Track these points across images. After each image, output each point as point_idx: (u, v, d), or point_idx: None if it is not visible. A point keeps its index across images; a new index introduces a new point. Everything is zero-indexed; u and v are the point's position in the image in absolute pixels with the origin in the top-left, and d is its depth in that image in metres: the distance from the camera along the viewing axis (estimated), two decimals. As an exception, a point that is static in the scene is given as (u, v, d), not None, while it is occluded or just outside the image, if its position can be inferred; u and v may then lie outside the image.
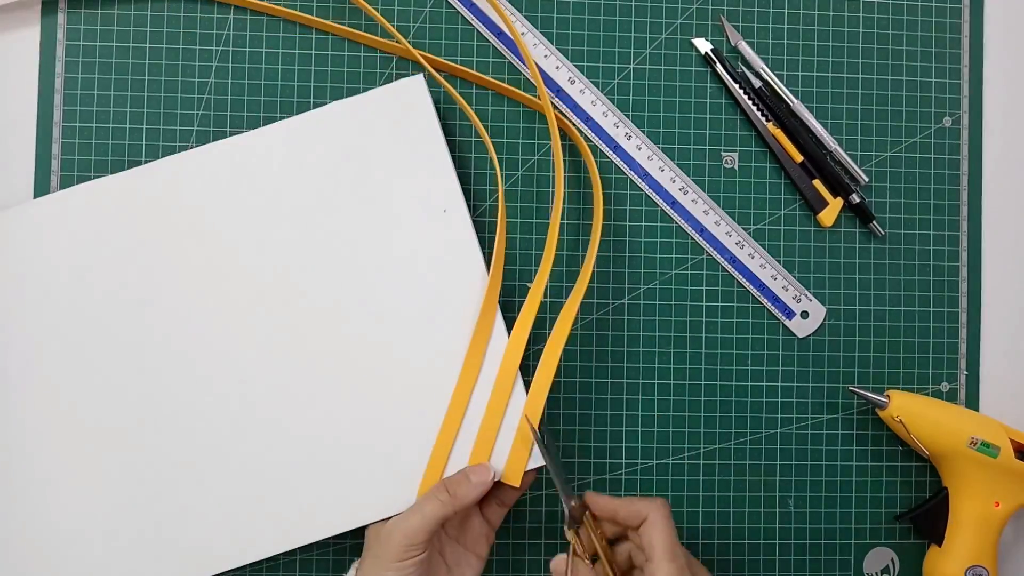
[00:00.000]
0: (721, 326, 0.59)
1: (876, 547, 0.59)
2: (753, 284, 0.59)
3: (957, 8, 0.61)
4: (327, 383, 0.52)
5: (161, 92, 0.56)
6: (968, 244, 0.60)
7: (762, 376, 0.59)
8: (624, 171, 0.58)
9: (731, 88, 0.59)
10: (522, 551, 0.57)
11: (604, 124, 0.58)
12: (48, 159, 0.56)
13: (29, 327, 0.52)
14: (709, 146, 0.59)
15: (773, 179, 0.60)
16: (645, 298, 0.58)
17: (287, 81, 0.57)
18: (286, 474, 0.52)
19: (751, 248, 0.59)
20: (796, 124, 0.59)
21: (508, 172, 0.58)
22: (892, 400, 0.56)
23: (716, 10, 0.59)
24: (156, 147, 0.56)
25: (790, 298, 0.59)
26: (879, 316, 0.60)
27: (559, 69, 0.58)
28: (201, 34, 0.57)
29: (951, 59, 0.61)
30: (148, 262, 0.52)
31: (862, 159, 0.60)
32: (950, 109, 0.61)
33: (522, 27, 0.58)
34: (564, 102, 0.58)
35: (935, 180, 0.61)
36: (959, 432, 0.55)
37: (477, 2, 0.57)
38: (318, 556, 0.56)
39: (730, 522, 0.58)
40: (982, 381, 0.60)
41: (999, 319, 0.61)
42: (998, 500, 0.56)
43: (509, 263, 0.57)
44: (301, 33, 0.57)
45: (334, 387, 0.52)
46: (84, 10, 0.56)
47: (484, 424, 0.52)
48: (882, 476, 0.59)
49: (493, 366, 0.52)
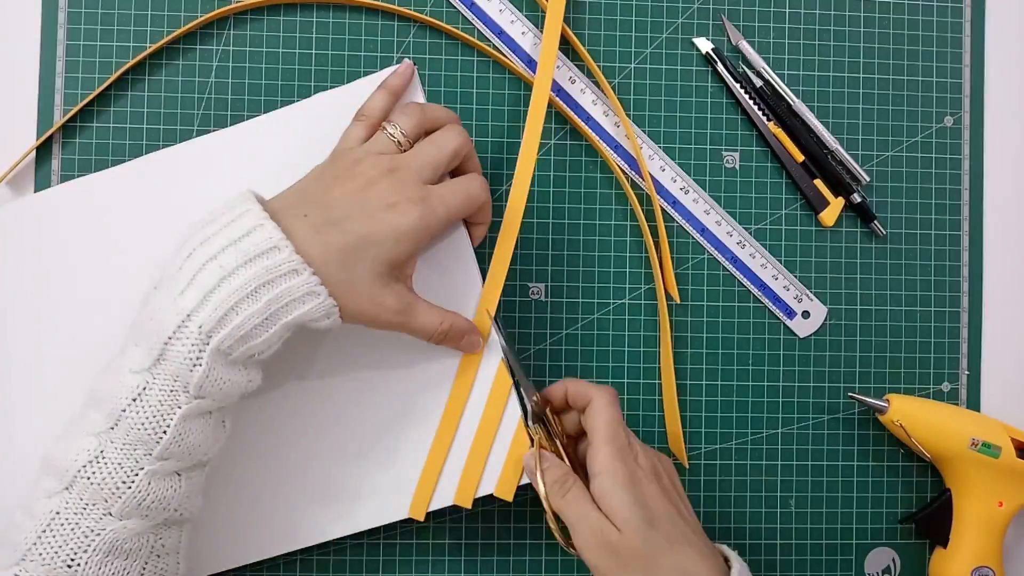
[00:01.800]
0: (722, 326, 0.59)
1: (877, 547, 0.59)
2: (754, 284, 0.59)
3: (958, 8, 0.61)
4: (327, 393, 0.52)
5: (162, 83, 0.56)
6: (969, 244, 0.60)
7: (763, 376, 0.59)
8: (625, 171, 0.58)
9: (732, 88, 0.59)
10: (522, 551, 0.57)
11: (604, 124, 0.58)
12: (49, 159, 0.56)
13: (32, 321, 0.52)
14: (710, 146, 0.59)
15: (774, 179, 0.59)
16: (646, 298, 0.58)
17: (287, 65, 0.57)
18: (285, 481, 0.52)
19: (752, 248, 0.59)
20: (797, 124, 0.59)
21: (492, 187, 0.58)
22: (892, 404, 0.56)
23: (717, 9, 0.59)
24: (156, 138, 0.56)
25: (791, 298, 0.59)
26: (880, 316, 0.60)
27: (560, 68, 0.58)
28: (201, 34, 0.57)
29: (952, 58, 0.61)
30: (147, 254, 0.51)
31: (863, 159, 0.60)
32: (951, 108, 0.61)
33: (523, 27, 0.58)
34: (564, 102, 0.58)
35: (936, 180, 0.60)
36: (960, 434, 0.55)
37: (478, 1, 0.57)
38: (319, 556, 0.56)
39: (731, 522, 0.58)
40: (983, 381, 0.60)
41: (1000, 318, 0.61)
42: (1001, 500, 0.56)
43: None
44: (303, 16, 0.57)
45: (333, 397, 0.52)
46: (84, 10, 0.56)
47: (478, 434, 0.51)
48: (883, 476, 0.59)
49: (487, 375, 0.52)
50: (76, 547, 0.39)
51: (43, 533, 0.39)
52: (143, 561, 0.41)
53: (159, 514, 0.41)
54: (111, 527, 0.40)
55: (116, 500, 0.40)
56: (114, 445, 0.40)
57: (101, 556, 0.40)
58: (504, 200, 0.54)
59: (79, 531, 0.40)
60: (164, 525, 0.42)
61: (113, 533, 0.40)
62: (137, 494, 0.40)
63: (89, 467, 0.40)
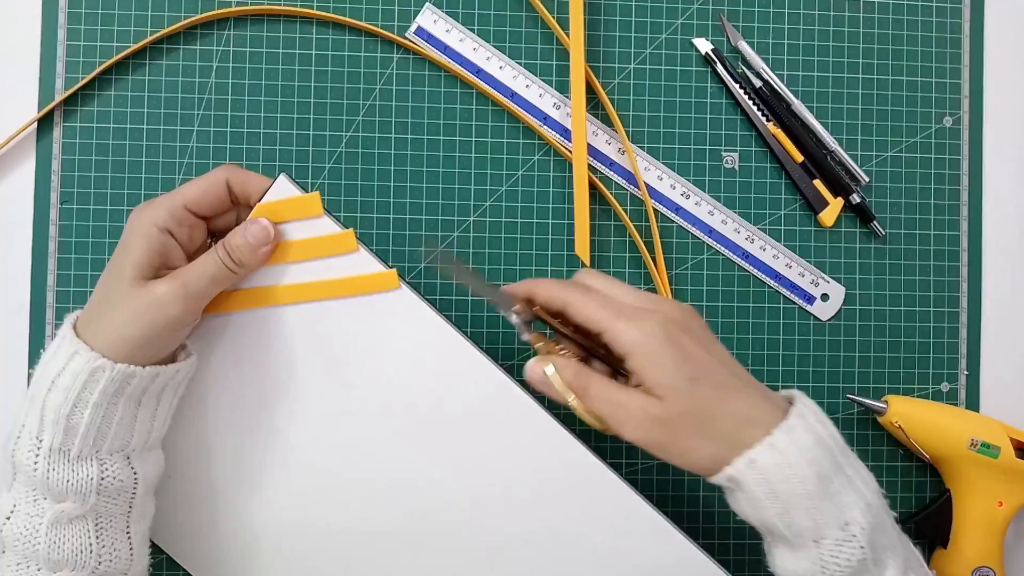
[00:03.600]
0: (722, 327, 0.59)
1: (878, 548, 0.59)
2: (769, 276, 0.59)
3: (957, 8, 0.61)
4: None
5: (161, 98, 0.56)
6: (969, 244, 0.60)
7: (763, 377, 0.59)
8: (623, 186, 0.58)
9: (731, 88, 0.59)
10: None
11: (595, 143, 0.58)
12: (49, 158, 0.56)
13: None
14: (710, 146, 0.59)
15: (774, 179, 0.60)
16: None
17: (287, 65, 0.57)
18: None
19: (762, 241, 0.59)
20: (796, 124, 0.59)
21: (492, 187, 0.58)
22: (890, 406, 0.56)
23: (716, 10, 0.59)
24: (156, 138, 0.56)
25: (808, 283, 0.59)
26: (879, 316, 0.60)
27: (560, 108, 0.58)
28: (201, 33, 0.57)
29: (951, 59, 0.61)
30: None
31: (862, 159, 0.60)
32: (950, 109, 0.61)
33: (513, 71, 0.58)
34: (559, 125, 0.58)
35: (935, 180, 0.61)
36: (959, 434, 0.55)
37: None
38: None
39: (730, 522, 0.58)
40: (982, 381, 0.60)
41: (1000, 319, 0.61)
42: (1001, 500, 0.56)
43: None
44: (302, 32, 0.57)
45: None
46: (85, 9, 0.56)
47: None
48: (883, 477, 0.59)
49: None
50: None
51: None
52: None
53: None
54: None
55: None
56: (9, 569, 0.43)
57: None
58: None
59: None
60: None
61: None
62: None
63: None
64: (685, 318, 0.44)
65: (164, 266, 0.45)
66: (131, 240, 0.44)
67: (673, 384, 0.42)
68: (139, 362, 0.43)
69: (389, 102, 0.57)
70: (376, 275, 0.48)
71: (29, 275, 0.56)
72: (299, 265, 0.48)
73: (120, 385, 0.43)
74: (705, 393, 0.42)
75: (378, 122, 0.57)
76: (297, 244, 0.48)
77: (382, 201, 0.57)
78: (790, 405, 0.43)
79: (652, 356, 0.42)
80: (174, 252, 0.45)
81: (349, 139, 0.57)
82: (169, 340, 0.45)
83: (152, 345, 0.44)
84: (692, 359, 0.42)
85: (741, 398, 0.43)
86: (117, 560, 0.45)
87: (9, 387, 0.55)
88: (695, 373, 0.42)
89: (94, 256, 0.56)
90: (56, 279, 0.56)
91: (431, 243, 0.49)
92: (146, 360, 0.44)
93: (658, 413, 0.42)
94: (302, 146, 0.57)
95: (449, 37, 0.58)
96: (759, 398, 0.43)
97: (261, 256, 0.47)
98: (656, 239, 0.58)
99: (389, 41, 0.57)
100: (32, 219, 0.56)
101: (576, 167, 0.56)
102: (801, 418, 0.42)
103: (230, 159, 0.56)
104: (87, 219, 0.56)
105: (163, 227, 0.44)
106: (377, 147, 0.57)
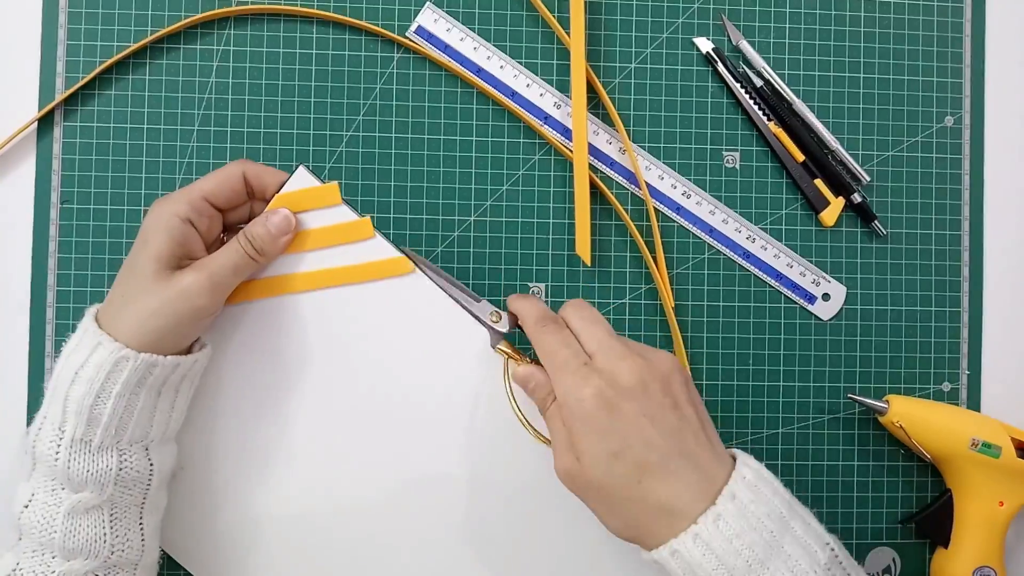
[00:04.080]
0: (723, 327, 0.59)
1: (878, 547, 0.59)
2: (771, 275, 0.59)
3: (959, 7, 0.61)
4: None
5: (162, 98, 0.56)
6: (970, 243, 0.60)
7: (763, 377, 0.59)
8: (624, 185, 0.58)
9: (732, 87, 0.59)
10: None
11: (596, 142, 0.58)
12: (49, 158, 0.56)
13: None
14: (711, 146, 0.59)
15: (775, 178, 0.59)
16: (646, 298, 0.58)
17: (288, 65, 0.57)
18: None
19: (763, 240, 0.59)
20: (798, 123, 0.59)
21: (493, 187, 0.58)
22: (891, 405, 0.56)
23: (717, 9, 0.59)
24: (157, 137, 0.56)
25: (809, 283, 0.59)
26: (881, 316, 0.60)
27: (562, 107, 0.58)
28: (201, 33, 0.57)
29: (953, 58, 0.61)
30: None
31: (864, 158, 0.60)
32: (952, 108, 0.61)
33: (514, 71, 0.58)
34: (560, 124, 0.58)
35: (937, 179, 0.60)
36: (960, 434, 0.55)
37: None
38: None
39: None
40: (984, 380, 0.60)
41: (1001, 318, 0.61)
42: (1002, 500, 0.56)
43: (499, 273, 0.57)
44: (302, 31, 0.57)
45: None
46: (85, 9, 0.56)
47: None
48: (883, 476, 0.59)
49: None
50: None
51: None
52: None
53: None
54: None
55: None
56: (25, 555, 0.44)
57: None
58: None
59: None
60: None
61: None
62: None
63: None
64: (657, 375, 0.42)
65: (185, 256, 0.46)
66: (153, 233, 0.45)
67: (592, 453, 0.41)
68: (160, 353, 0.44)
69: (390, 102, 0.57)
70: (390, 260, 0.50)
71: (29, 275, 0.56)
72: (315, 253, 0.50)
73: (143, 375, 0.44)
74: (623, 472, 0.41)
75: (378, 122, 0.57)
76: (314, 232, 0.49)
77: (382, 200, 0.57)
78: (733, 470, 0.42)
79: (579, 420, 0.41)
80: (195, 243, 0.46)
81: (349, 139, 0.57)
82: (192, 330, 0.46)
83: (176, 334, 0.45)
84: (619, 433, 0.41)
85: (667, 483, 0.41)
86: (129, 550, 0.45)
87: (9, 387, 0.55)
88: (618, 448, 0.41)
89: (94, 256, 0.56)
90: (56, 279, 0.56)
91: (414, 251, 0.51)
92: (167, 351, 0.45)
93: (574, 471, 0.42)
94: (302, 145, 0.57)
95: (450, 36, 0.57)
96: (687, 482, 0.41)
97: (282, 245, 0.48)
98: (657, 239, 0.58)
99: (390, 40, 0.57)
100: (32, 219, 0.56)
101: (577, 166, 0.56)
102: (732, 499, 0.41)
103: (231, 159, 0.56)
104: (87, 219, 0.56)
105: (184, 218, 0.45)
106: (378, 147, 0.57)
